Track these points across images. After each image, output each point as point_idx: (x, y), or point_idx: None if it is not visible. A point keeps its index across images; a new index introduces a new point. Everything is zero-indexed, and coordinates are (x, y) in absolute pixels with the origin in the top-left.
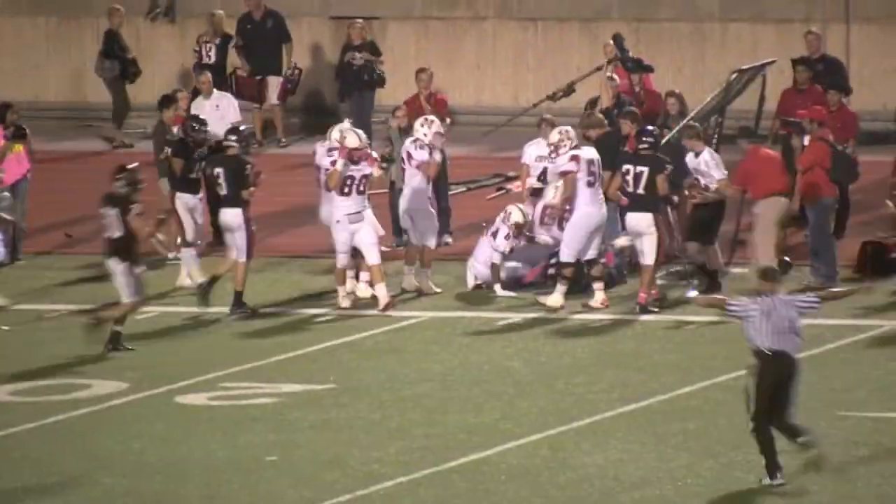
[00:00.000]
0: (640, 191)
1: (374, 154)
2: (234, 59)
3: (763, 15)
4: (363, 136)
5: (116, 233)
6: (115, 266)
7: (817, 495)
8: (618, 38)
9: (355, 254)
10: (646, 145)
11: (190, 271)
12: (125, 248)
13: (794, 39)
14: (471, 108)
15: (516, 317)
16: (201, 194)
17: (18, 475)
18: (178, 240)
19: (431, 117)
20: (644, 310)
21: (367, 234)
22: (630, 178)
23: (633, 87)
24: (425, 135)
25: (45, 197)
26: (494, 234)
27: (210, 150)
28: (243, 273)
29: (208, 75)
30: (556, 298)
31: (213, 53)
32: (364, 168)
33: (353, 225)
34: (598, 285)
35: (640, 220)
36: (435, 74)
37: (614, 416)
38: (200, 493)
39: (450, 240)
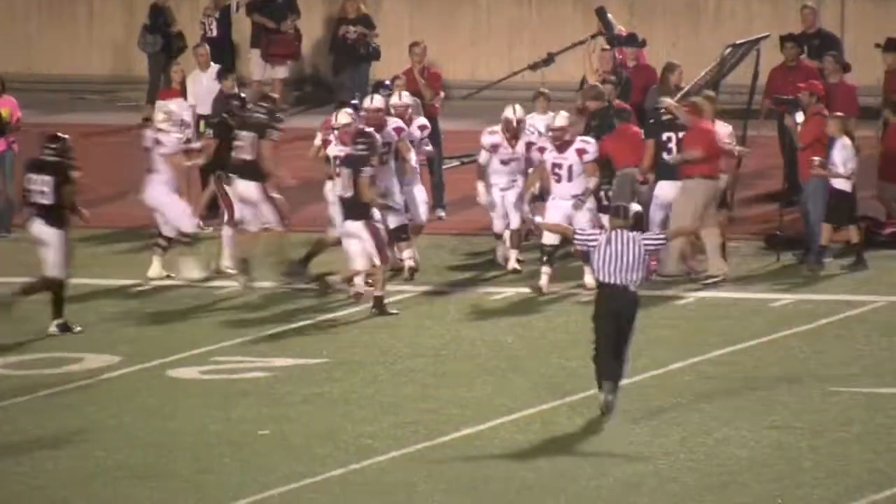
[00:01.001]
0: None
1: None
2: (242, 31)
3: None
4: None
5: (49, 199)
6: (49, 235)
7: (811, 472)
8: (601, 12)
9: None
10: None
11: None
12: (59, 215)
13: (788, 14)
14: (465, 83)
15: (509, 291)
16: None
17: (9, 449)
18: (225, 217)
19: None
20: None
21: None
22: (672, 145)
23: (626, 61)
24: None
25: None
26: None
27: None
28: (383, 276)
29: (206, 48)
30: (544, 282)
31: (214, 27)
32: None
33: None
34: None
35: (673, 188)
36: (429, 48)
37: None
38: (192, 467)
39: (443, 214)
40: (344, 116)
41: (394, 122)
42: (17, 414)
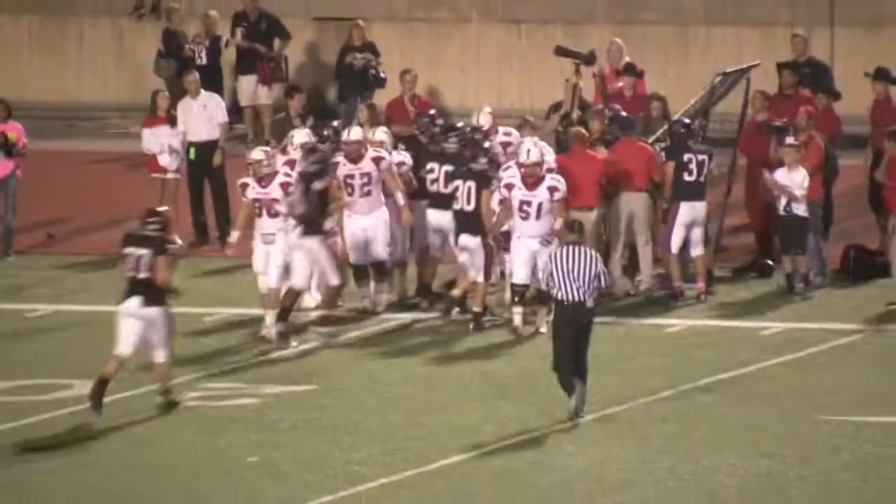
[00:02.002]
0: (702, 179)
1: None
2: (228, 58)
3: (747, 18)
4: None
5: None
6: (142, 310)
7: (799, 501)
8: (560, 50)
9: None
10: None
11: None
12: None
13: (778, 43)
14: (454, 110)
15: (498, 319)
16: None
17: (1, 472)
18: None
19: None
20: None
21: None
22: (693, 166)
23: (623, 91)
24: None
25: (27, 194)
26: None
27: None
28: (483, 293)
29: (196, 75)
30: (518, 322)
31: (204, 55)
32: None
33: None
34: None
35: (701, 209)
36: (419, 76)
37: (597, 419)
38: (182, 494)
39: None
40: (301, 136)
41: (373, 153)
42: (5, 439)
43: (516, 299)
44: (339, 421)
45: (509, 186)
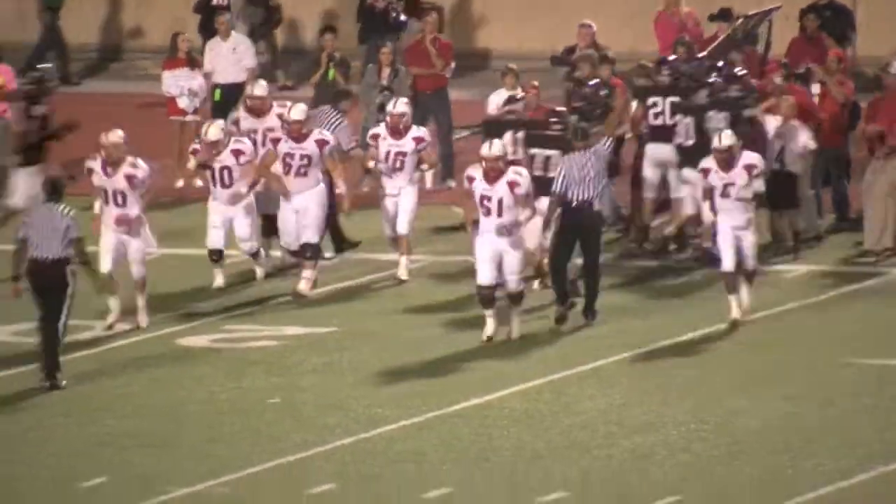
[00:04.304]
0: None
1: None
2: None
3: None
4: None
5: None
6: None
7: (821, 443)
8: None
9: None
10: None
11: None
12: None
13: None
14: (475, 52)
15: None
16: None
17: (19, 415)
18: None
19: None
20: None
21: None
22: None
23: (718, 34)
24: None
25: None
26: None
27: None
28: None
29: (227, 16)
30: (490, 329)
31: None
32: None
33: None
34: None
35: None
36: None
37: (618, 361)
38: (202, 436)
39: (453, 184)
40: (298, 112)
41: (318, 136)
42: (26, 381)
43: (485, 302)
44: (360, 363)
45: (470, 179)
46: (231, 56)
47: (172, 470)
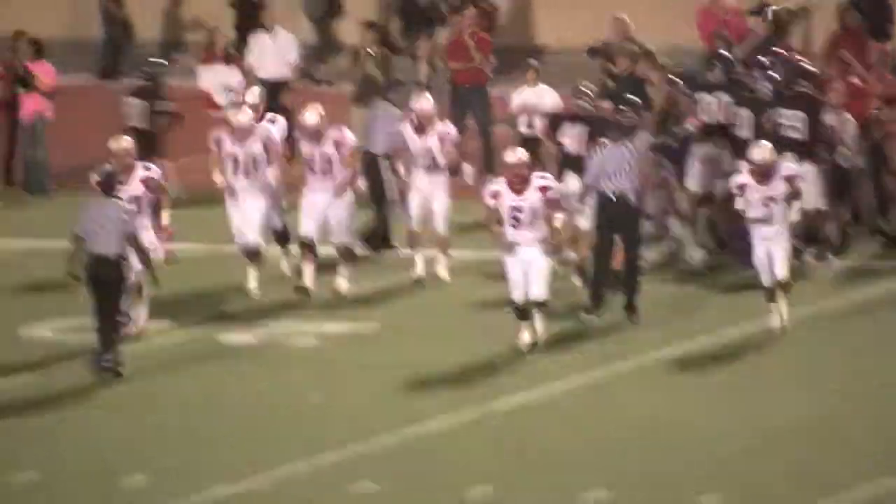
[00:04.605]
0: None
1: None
2: None
3: None
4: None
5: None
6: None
7: (859, 443)
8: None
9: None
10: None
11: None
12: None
13: None
14: (514, 46)
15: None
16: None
17: (62, 413)
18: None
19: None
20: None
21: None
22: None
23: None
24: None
25: (91, 128)
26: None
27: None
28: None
29: (272, 9)
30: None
31: None
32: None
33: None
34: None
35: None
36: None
37: (658, 358)
38: (243, 433)
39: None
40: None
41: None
42: (69, 378)
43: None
44: (402, 361)
45: (496, 195)
46: (273, 49)
47: (213, 467)
